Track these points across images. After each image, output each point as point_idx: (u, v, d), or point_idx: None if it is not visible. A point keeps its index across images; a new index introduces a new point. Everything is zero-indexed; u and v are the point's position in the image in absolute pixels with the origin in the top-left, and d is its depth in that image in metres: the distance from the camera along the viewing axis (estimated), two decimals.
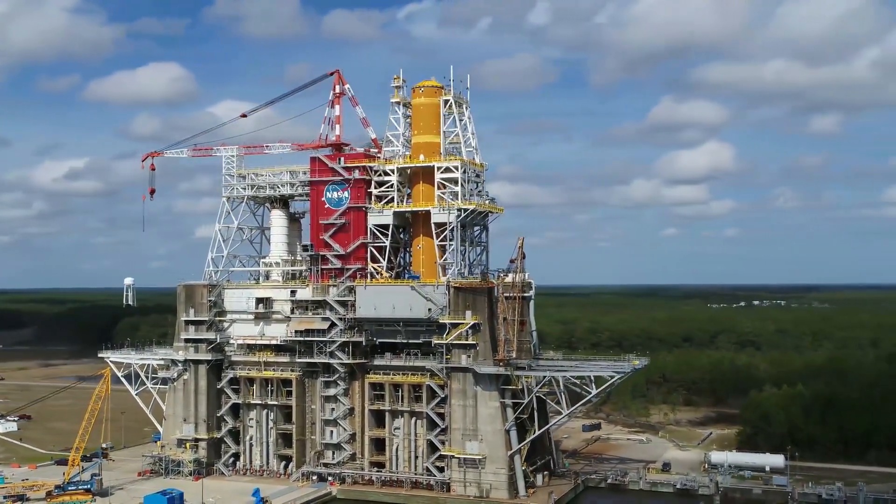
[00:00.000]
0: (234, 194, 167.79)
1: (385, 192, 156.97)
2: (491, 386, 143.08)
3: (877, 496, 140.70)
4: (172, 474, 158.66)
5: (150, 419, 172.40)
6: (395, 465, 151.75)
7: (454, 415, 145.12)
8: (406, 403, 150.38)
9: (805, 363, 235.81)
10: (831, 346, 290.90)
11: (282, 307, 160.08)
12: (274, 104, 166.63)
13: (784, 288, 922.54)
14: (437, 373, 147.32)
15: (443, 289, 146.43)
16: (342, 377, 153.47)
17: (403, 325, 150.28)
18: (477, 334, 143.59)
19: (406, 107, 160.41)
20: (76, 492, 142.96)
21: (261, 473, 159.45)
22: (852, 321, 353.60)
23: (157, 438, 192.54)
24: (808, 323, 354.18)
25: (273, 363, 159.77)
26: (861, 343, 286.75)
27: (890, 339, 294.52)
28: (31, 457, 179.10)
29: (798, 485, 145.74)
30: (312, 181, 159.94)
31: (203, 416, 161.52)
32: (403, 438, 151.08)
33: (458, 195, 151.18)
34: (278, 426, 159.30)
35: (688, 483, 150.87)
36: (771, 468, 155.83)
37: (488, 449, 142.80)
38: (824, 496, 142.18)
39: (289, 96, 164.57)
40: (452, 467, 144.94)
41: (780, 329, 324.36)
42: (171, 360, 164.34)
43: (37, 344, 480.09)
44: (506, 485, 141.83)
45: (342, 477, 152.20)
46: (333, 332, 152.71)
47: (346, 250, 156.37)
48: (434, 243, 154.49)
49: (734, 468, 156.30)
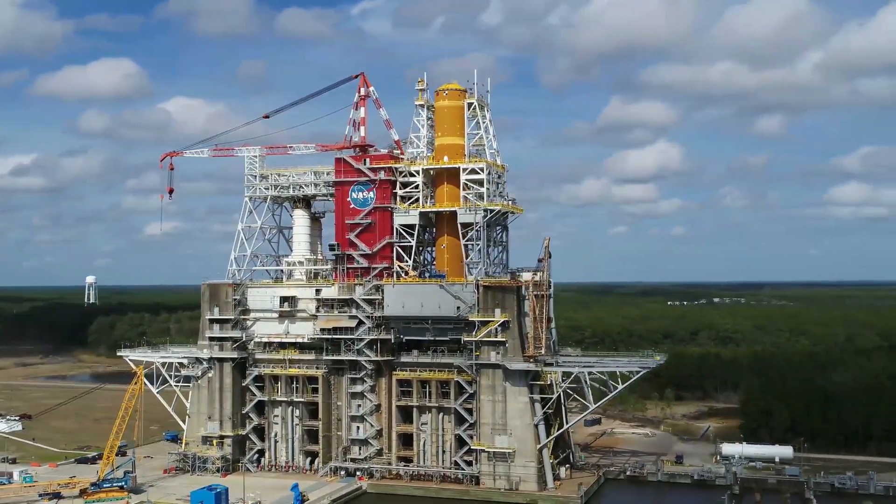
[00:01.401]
0: (256, 194, 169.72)
1: (410, 193, 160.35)
2: (520, 382, 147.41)
3: (887, 484, 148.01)
4: (199, 471, 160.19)
5: (160, 418, 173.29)
6: (421, 460, 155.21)
7: (483, 410, 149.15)
8: (434, 399, 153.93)
9: (785, 358, 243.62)
10: (808, 341, 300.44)
11: (307, 305, 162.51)
12: (297, 105, 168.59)
13: (734, 285, 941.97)
14: (466, 369, 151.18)
15: (471, 287, 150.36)
16: (369, 374, 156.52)
17: (432, 323, 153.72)
18: (506, 331, 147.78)
19: (429, 109, 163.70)
20: (111, 489, 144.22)
21: (286, 469, 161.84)
22: (824, 317, 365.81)
23: (168, 437, 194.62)
24: (781, 319, 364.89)
25: (298, 360, 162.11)
26: (837, 339, 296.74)
27: (863, 334, 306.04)
28: (44, 455, 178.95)
29: (809, 475, 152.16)
30: (337, 182, 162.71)
31: (228, 414, 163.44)
32: (431, 433, 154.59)
33: (483, 196, 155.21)
34: (304, 422, 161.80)
35: (704, 474, 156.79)
36: (780, 459, 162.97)
37: (517, 443, 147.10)
38: (837, 485, 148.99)
39: (313, 97, 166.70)
40: (482, 461, 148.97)
41: (757, 325, 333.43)
42: (196, 357, 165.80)
43: (3, 343, 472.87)
44: (535, 477, 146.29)
45: (371, 472, 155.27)
46: (361, 330, 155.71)
47: (372, 250, 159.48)
48: (458, 243, 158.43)
49: (745, 459, 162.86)
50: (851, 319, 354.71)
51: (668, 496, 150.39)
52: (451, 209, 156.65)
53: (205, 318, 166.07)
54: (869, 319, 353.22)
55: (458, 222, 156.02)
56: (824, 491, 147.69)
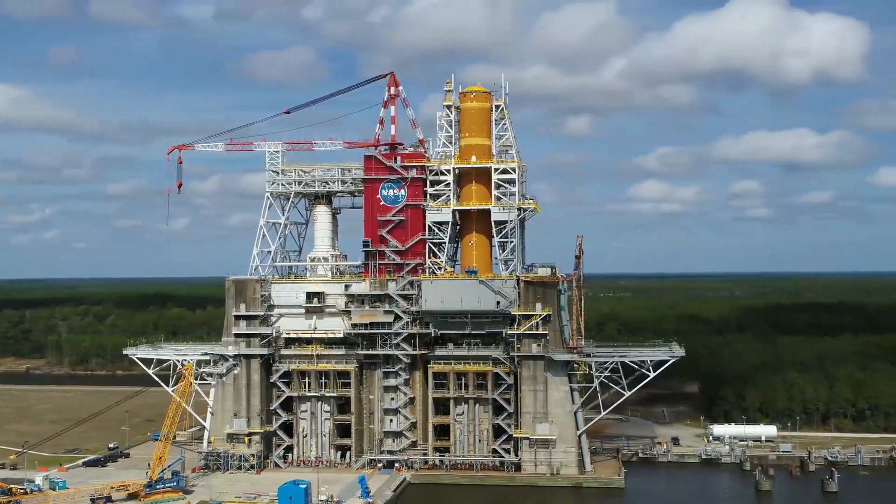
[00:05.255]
0: (279, 190, 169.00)
1: (440, 191, 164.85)
2: (561, 371, 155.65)
3: (873, 456, 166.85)
4: (232, 469, 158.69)
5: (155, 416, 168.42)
6: (457, 450, 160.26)
7: (524, 400, 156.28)
8: (472, 391, 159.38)
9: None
10: (704, 331, 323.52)
11: (335, 301, 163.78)
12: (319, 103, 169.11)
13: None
14: (504, 361, 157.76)
15: (511, 283, 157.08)
16: (403, 367, 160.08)
17: (470, 318, 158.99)
18: (547, 324, 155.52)
19: (457, 110, 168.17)
20: (166, 489, 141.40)
21: (316, 464, 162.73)
22: (693, 307, 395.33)
23: (156, 437, 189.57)
24: (659, 309, 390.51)
25: (328, 356, 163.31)
26: (718, 328, 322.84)
27: (740, 321, 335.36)
28: (44, 460, 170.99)
29: (807, 450, 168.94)
30: (367, 179, 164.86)
31: (257, 410, 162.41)
32: (468, 423, 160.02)
33: (514, 195, 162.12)
34: (334, 417, 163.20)
35: (711, 453, 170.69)
36: (766, 437, 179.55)
37: (559, 430, 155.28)
38: (829, 458, 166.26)
39: (337, 95, 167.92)
40: (523, 448, 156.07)
41: (659, 316, 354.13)
42: (221, 355, 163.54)
43: None
44: (575, 462, 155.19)
45: (410, 463, 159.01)
46: (399, 325, 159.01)
47: (404, 246, 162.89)
48: (485, 239, 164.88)
49: (735, 439, 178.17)
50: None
51: (692, 475, 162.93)
52: (485, 207, 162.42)
53: (230, 315, 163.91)
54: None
55: (491, 220, 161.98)
56: (819, 465, 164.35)
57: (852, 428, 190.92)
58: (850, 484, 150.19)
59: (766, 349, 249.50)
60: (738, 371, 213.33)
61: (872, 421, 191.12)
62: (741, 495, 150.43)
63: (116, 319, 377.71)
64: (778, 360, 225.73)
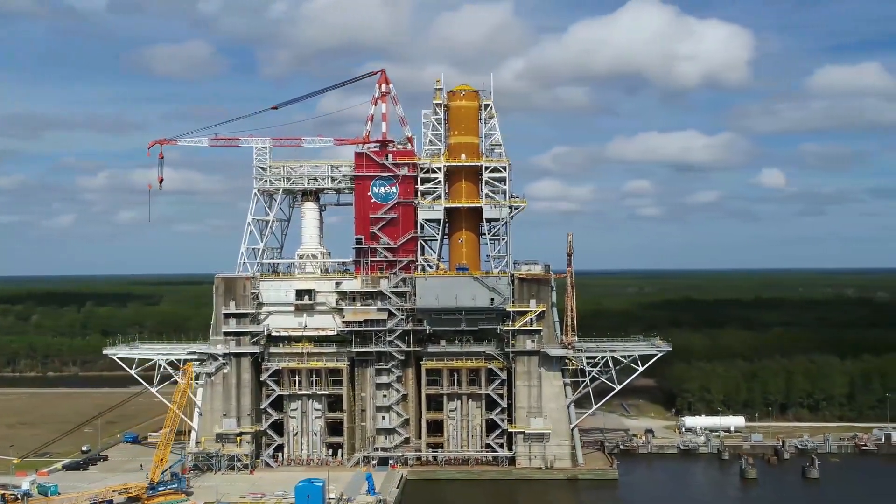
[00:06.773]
0: (266, 187, 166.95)
1: (430, 189, 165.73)
2: (554, 367, 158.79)
3: (839, 444, 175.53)
4: (224, 469, 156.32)
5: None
6: (451, 446, 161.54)
7: (519, 395, 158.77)
8: (465, 387, 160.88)
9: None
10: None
11: (326, 298, 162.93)
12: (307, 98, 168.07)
13: None
14: (498, 357, 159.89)
15: (506, 280, 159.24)
16: (396, 365, 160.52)
17: (465, 314, 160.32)
18: (542, 321, 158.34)
19: (445, 108, 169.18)
20: (167, 492, 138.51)
21: (308, 463, 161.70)
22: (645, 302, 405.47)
23: (127, 438, 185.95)
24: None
25: (319, 353, 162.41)
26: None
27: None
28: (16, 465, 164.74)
29: (781, 439, 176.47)
30: (358, 176, 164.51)
31: (247, 410, 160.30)
32: (461, 419, 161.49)
33: (504, 193, 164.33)
34: (326, 415, 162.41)
35: (689, 444, 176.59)
36: (735, 428, 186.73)
37: (552, 424, 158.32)
38: (799, 447, 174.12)
39: (325, 91, 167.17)
40: (518, 442, 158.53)
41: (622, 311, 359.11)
42: (209, 354, 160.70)
43: None
44: (568, 455, 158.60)
45: (405, 459, 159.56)
46: (393, 322, 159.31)
47: (396, 243, 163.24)
48: (475, 237, 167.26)
49: (706, 430, 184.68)
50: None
51: (675, 465, 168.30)
52: (476, 205, 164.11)
53: (219, 313, 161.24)
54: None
55: (482, 218, 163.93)
56: (791, 453, 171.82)
57: (810, 417, 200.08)
58: (827, 471, 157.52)
59: (702, 343, 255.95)
60: (686, 364, 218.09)
61: (828, 411, 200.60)
62: (729, 483, 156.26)
63: (41, 319, 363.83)
64: (721, 352, 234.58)
